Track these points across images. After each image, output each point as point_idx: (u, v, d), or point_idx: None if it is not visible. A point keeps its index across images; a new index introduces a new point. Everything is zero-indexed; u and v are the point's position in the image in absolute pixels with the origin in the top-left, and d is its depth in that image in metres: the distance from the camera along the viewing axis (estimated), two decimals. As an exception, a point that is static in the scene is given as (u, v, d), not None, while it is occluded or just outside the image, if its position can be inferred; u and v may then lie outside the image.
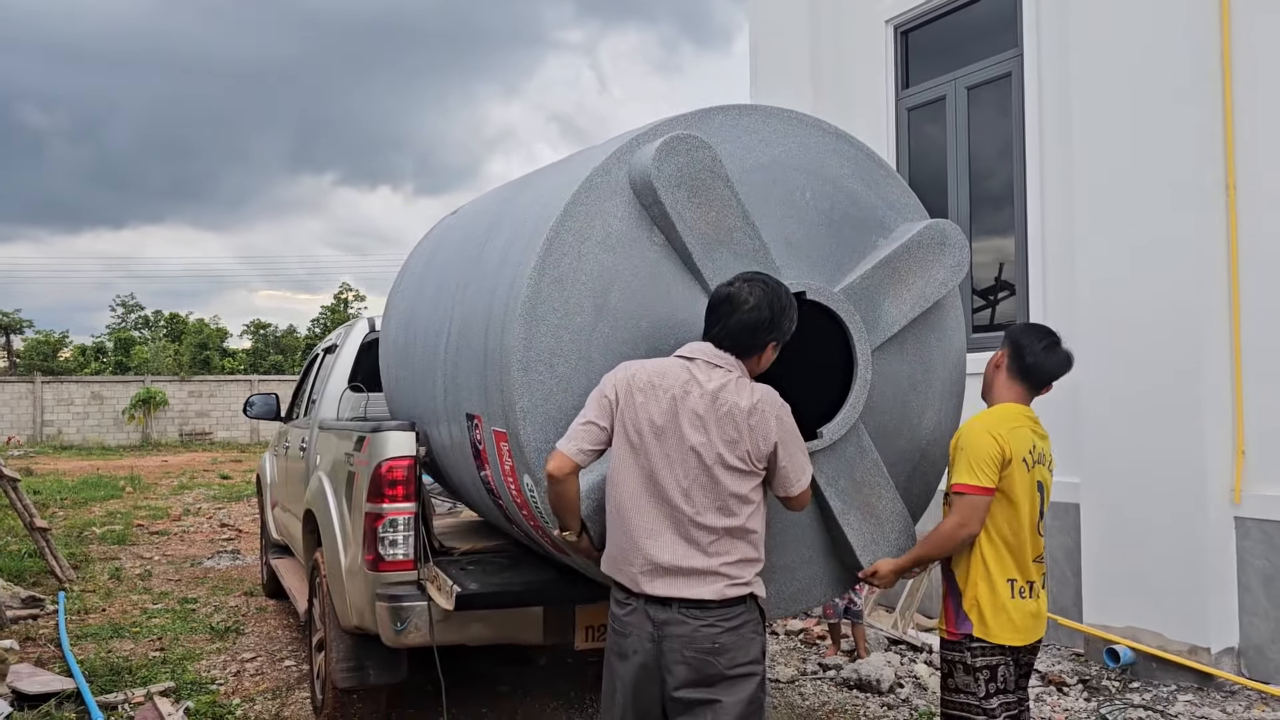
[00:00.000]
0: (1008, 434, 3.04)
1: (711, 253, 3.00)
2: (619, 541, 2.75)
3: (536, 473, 2.93)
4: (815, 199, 3.26)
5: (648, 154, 2.91)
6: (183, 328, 40.73)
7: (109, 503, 14.03)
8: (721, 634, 2.64)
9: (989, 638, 3.04)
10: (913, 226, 3.36)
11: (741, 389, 2.71)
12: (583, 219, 2.95)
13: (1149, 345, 5.35)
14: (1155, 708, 4.89)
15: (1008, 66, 6.51)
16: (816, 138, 3.33)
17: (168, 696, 5.08)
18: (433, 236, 4.94)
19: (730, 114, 3.20)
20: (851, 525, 3.21)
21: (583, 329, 2.94)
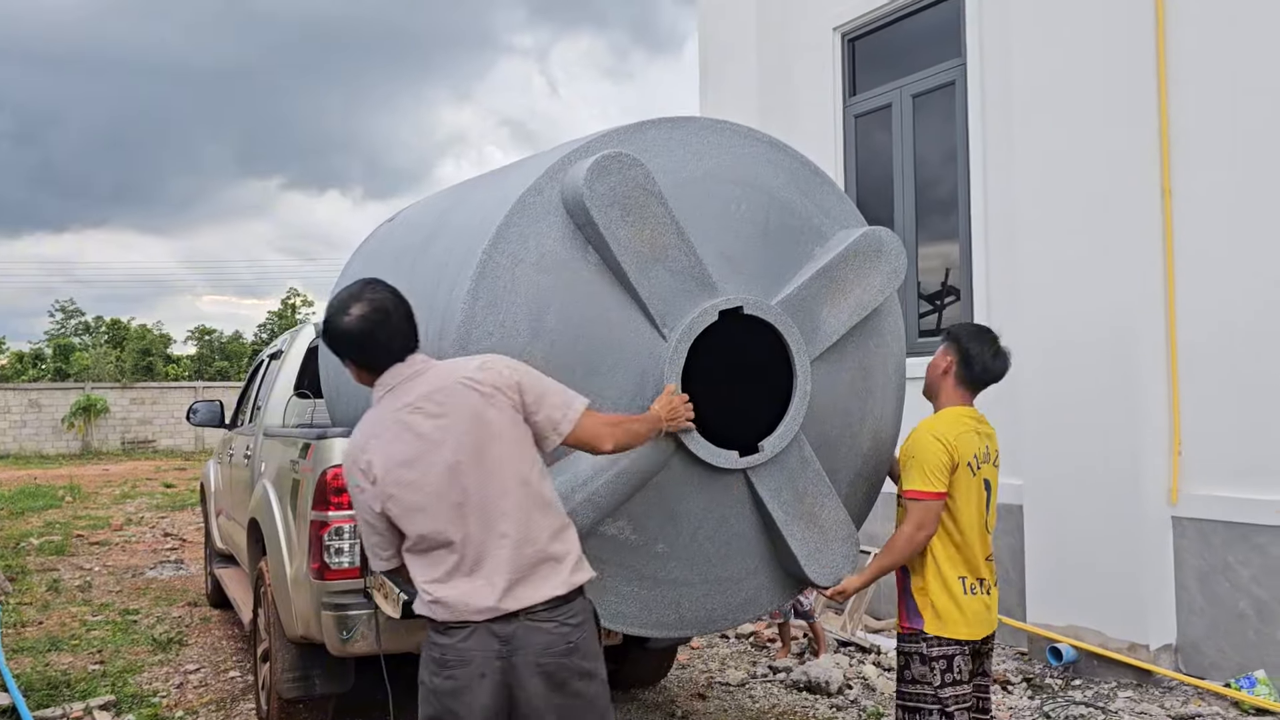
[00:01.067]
0: (955, 439, 3.10)
1: (647, 271, 2.98)
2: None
3: None
4: (751, 211, 3.26)
5: (579, 173, 2.88)
6: (125, 334, 39.88)
7: (47, 513, 13.68)
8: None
9: (943, 634, 3.12)
10: (849, 234, 3.37)
11: (456, 364, 2.60)
12: (516, 241, 2.92)
13: (1089, 348, 5.47)
14: (1096, 704, 4.99)
15: (952, 75, 6.62)
16: (751, 148, 3.32)
17: (108, 710, 4.96)
18: (370, 243, 4.89)
19: (663, 127, 3.18)
20: (795, 536, 3.23)
21: (519, 352, 2.89)
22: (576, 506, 2.84)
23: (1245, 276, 5.05)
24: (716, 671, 5.71)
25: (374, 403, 2.61)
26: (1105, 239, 5.43)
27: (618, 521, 3.04)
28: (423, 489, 2.48)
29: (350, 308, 2.55)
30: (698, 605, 3.25)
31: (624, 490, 2.94)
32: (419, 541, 2.52)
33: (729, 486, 3.17)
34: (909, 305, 6.91)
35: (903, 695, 3.22)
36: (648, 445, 2.93)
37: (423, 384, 2.54)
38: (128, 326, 40.63)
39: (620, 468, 2.91)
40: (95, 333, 41.24)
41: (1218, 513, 5.16)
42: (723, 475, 3.13)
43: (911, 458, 3.12)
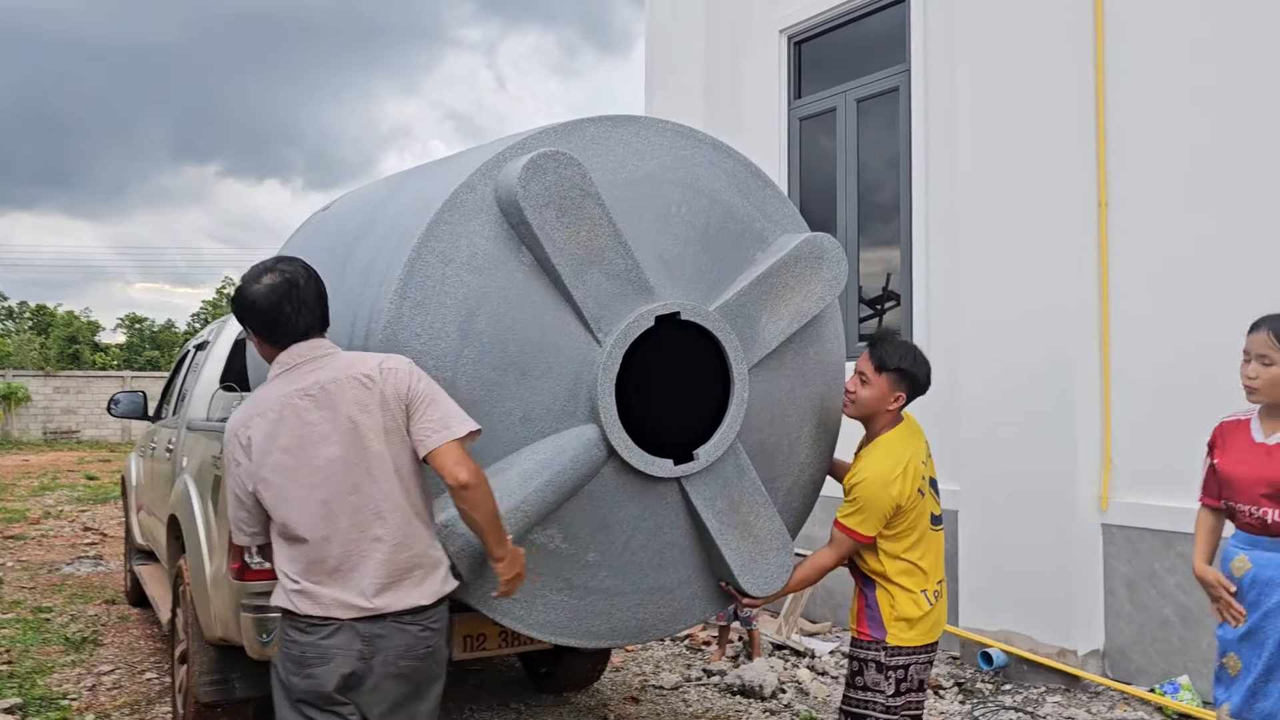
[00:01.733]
0: (906, 482, 3.09)
1: (582, 274, 2.90)
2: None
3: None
4: (691, 213, 3.18)
5: (514, 171, 2.79)
6: (50, 320, 38.61)
7: (-40, 505, 13.16)
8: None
9: (905, 644, 3.11)
10: (790, 239, 3.31)
11: (357, 358, 2.60)
12: (447, 239, 2.82)
13: (1025, 356, 5.52)
14: (1025, 709, 5.03)
15: (896, 81, 6.64)
16: (692, 149, 3.24)
17: (12, 714, 4.74)
18: (302, 233, 4.73)
19: (603, 125, 3.09)
20: (729, 545, 3.17)
21: (447, 354, 2.81)
22: (505, 514, 2.75)
23: (1177, 288, 5.14)
24: (650, 675, 5.65)
25: (268, 379, 2.58)
26: (1043, 249, 5.48)
27: (548, 530, 2.96)
28: (297, 479, 2.47)
29: (262, 277, 2.56)
30: (629, 615, 3.18)
31: (554, 498, 2.86)
32: (281, 528, 2.51)
33: (663, 495, 3.10)
34: (850, 310, 6.92)
35: (850, 701, 3.19)
36: (579, 451, 2.87)
37: (320, 371, 2.53)
38: (54, 313, 39.36)
39: (549, 475, 2.83)
40: (19, 319, 39.91)
41: (1146, 521, 5.24)
42: (657, 484, 3.06)
43: (858, 498, 3.10)
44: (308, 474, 2.47)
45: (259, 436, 2.49)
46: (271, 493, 2.49)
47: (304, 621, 2.49)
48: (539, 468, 2.83)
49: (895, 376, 3.17)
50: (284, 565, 2.54)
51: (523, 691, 5.32)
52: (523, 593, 2.97)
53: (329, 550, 2.48)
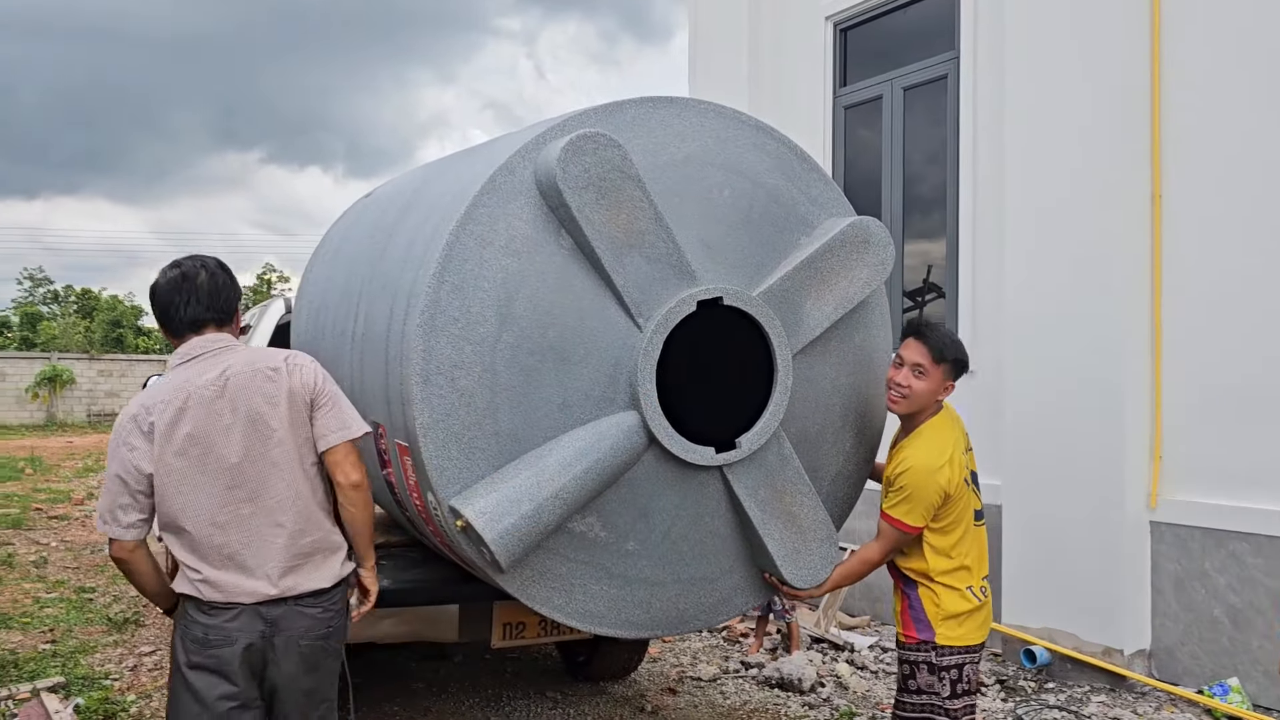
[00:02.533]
0: (953, 470, 3.02)
1: (622, 257, 2.85)
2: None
3: (440, 491, 2.78)
4: (734, 197, 3.11)
5: (553, 153, 2.74)
6: (95, 304, 39.28)
7: (6, 485, 13.40)
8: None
9: (956, 643, 3.04)
10: (836, 223, 3.23)
11: (260, 353, 2.69)
12: (485, 222, 2.78)
13: (1073, 350, 5.40)
14: (1069, 708, 4.94)
15: (944, 69, 6.52)
16: (735, 131, 3.17)
17: (56, 692, 4.79)
18: (345, 220, 4.74)
19: (644, 107, 3.03)
20: (772, 535, 3.12)
21: (486, 339, 2.77)
22: (544, 502, 2.72)
23: (1232, 283, 5.00)
24: (688, 666, 5.62)
25: (170, 368, 2.67)
26: (1093, 241, 5.36)
27: (587, 518, 2.92)
28: (203, 466, 2.53)
29: (167, 271, 2.70)
30: (669, 605, 3.14)
31: (594, 486, 2.82)
32: (179, 516, 2.54)
33: (704, 484, 3.05)
34: (894, 302, 6.83)
35: (902, 705, 3.11)
36: (619, 439, 2.83)
37: (223, 363, 2.60)
38: (98, 297, 40.05)
39: (589, 462, 2.79)
40: (64, 302, 40.62)
41: (1196, 519, 5.12)
42: (698, 472, 3.01)
43: (903, 487, 3.02)
44: (212, 461, 2.53)
45: (162, 423, 2.52)
46: (173, 479, 2.52)
47: (208, 605, 2.55)
48: (578, 455, 2.79)
49: (951, 366, 3.09)
50: (182, 556, 2.57)
51: (560, 680, 5.31)
52: (562, 581, 2.94)
53: (229, 536, 2.54)
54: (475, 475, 2.78)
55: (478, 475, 2.79)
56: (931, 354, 3.06)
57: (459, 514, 2.73)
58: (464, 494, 2.76)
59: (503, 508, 2.70)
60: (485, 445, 2.79)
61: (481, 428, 2.78)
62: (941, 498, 3.01)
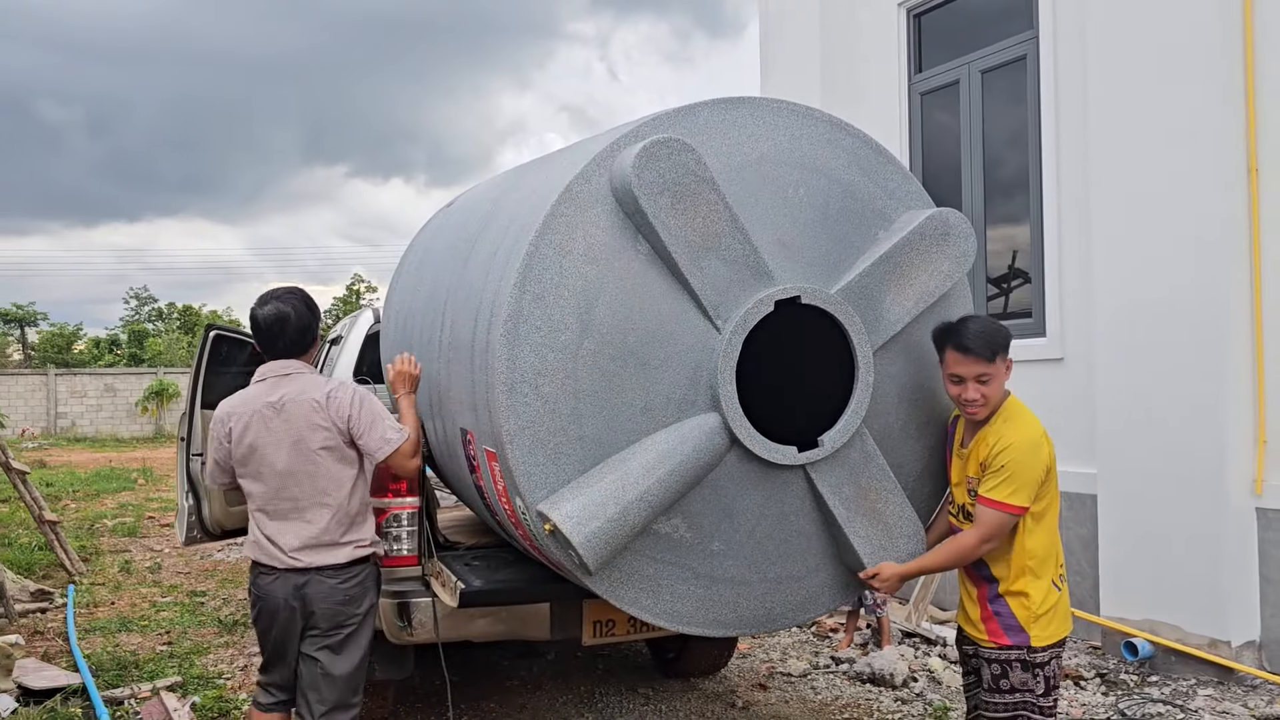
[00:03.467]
0: (1049, 444, 2.95)
1: (699, 260, 2.87)
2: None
3: (527, 496, 2.84)
4: (809, 194, 3.10)
5: (627, 160, 2.77)
6: (196, 319, 40.88)
7: (121, 495, 14.07)
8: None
9: (1048, 641, 2.96)
10: (915, 216, 3.19)
11: (313, 383, 3.29)
12: (563, 231, 2.82)
13: (1167, 333, 5.24)
14: (1175, 702, 4.81)
15: (1023, 49, 6.39)
16: (808, 128, 3.16)
17: (174, 691, 5.04)
18: (429, 230, 4.86)
19: (716, 109, 3.03)
20: (858, 533, 3.10)
21: (568, 346, 2.81)
22: (629, 504, 2.76)
23: (1338, 256, 4.79)
24: (778, 662, 5.62)
25: (251, 382, 3.35)
26: (1187, 219, 5.19)
27: (672, 520, 2.95)
28: (260, 472, 3.27)
29: (267, 304, 3.33)
30: (757, 604, 3.15)
31: (678, 488, 2.85)
32: (246, 496, 3.36)
33: (788, 483, 3.05)
34: (977, 290, 6.70)
35: (992, 706, 3.00)
36: (701, 440, 2.85)
37: (286, 388, 3.27)
38: (198, 312, 41.67)
39: (672, 465, 2.82)
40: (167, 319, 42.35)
41: (1306, 505, 4.92)
42: (781, 471, 3.01)
43: (1004, 467, 2.89)
44: (265, 467, 3.26)
45: (235, 431, 3.28)
46: (242, 472, 3.32)
47: (261, 566, 3.33)
48: (661, 457, 2.82)
49: (1003, 353, 3.01)
50: (251, 521, 3.37)
51: (650, 677, 5.37)
52: (649, 582, 2.98)
53: (274, 521, 3.30)
54: (561, 480, 2.83)
55: (564, 480, 2.84)
56: (986, 357, 2.97)
57: (546, 518, 2.78)
58: (551, 498, 2.81)
59: (589, 511, 2.75)
60: (570, 450, 2.84)
61: (566, 433, 2.83)
62: (1044, 473, 2.92)
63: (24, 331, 39.74)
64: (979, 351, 2.94)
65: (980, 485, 2.98)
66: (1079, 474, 5.60)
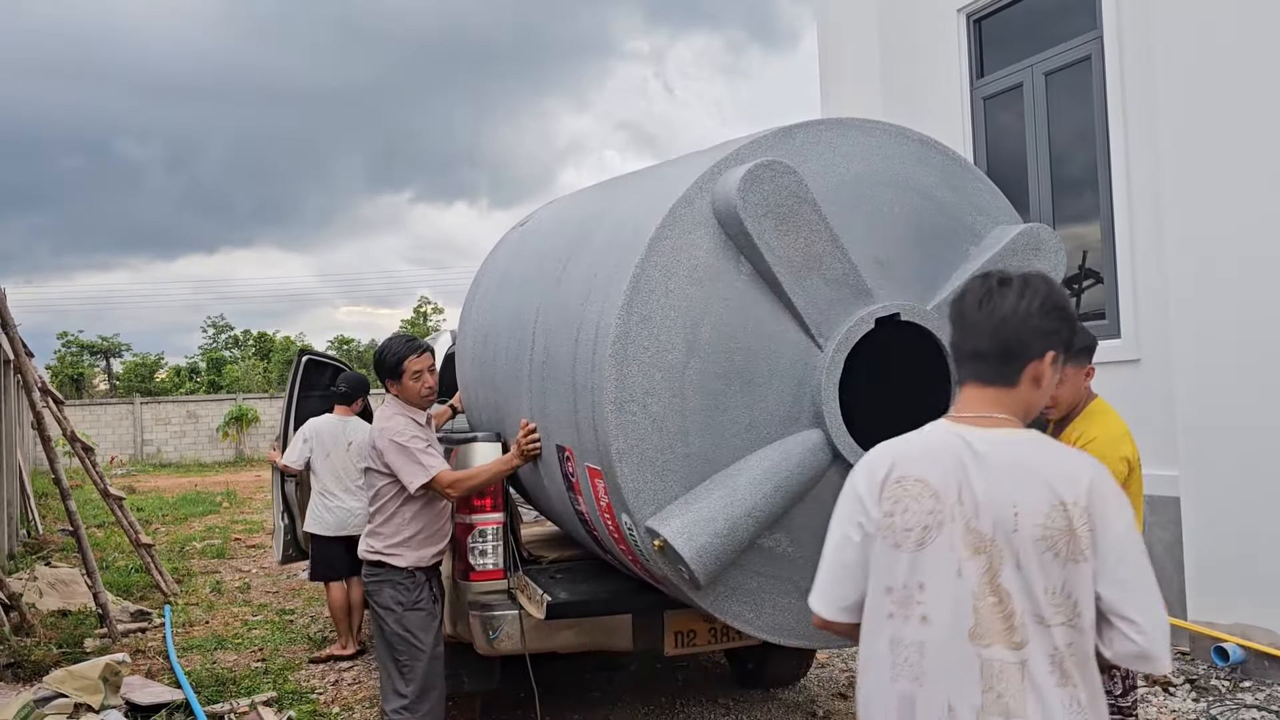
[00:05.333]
0: (1132, 446, 2.94)
1: (802, 280, 2.93)
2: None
3: (636, 513, 2.90)
4: (903, 212, 3.16)
5: (731, 184, 2.84)
6: (270, 345, 41.94)
7: (207, 518, 14.51)
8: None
9: None
10: (1005, 231, 3.22)
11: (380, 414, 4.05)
12: (668, 253, 2.90)
13: (1247, 329, 5.14)
14: (1270, 708, 4.70)
15: (1087, 49, 6.33)
16: (900, 147, 3.21)
17: (270, 706, 5.23)
18: (505, 249, 4.97)
19: (811, 131, 3.10)
20: None
21: (675, 366, 2.89)
22: (738, 520, 2.80)
23: None
24: (856, 671, 5.61)
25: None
26: (1265, 215, 5.09)
27: (775, 534, 2.98)
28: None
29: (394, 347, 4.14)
30: None
31: (783, 503, 2.89)
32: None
33: None
34: (1047, 291, 6.62)
35: None
36: (805, 456, 2.88)
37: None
38: (273, 339, 42.74)
39: (778, 481, 2.87)
40: (244, 346, 43.50)
41: (1402, 503, 4.78)
42: None
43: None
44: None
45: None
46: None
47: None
48: (767, 473, 2.87)
49: (1083, 355, 2.99)
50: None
51: (730, 687, 5.41)
52: (752, 596, 3.01)
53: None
54: (669, 496, 2.90)
55: (670, 496, 2.90)
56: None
57: (656, 534, 2.83)
58: (659, 514, 2.87)
59: (698, 526, 2.80)
60: (677, 467, 2.91)
61: (673, 450, 2.90)
62: (1127, 469, 2.91)
63: (109, 362, 41.17)
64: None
65: None
66: (1161, 476, 5.50)
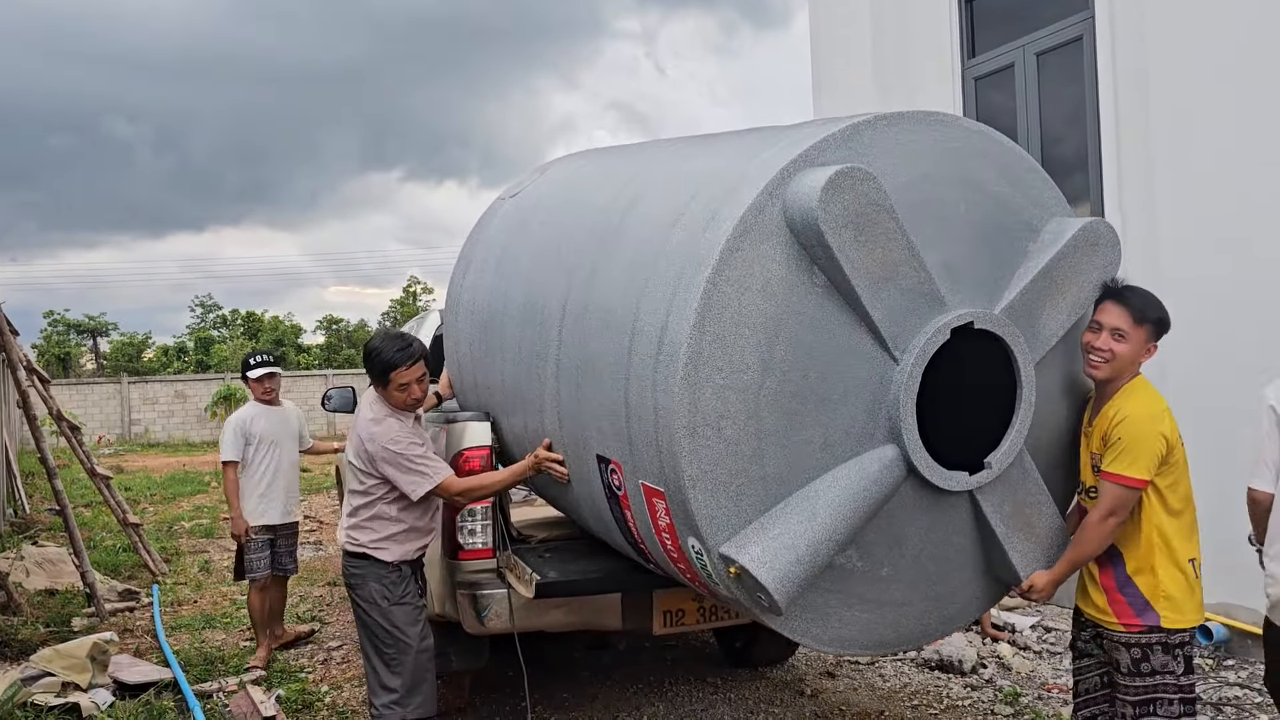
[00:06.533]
0: (1171, 419, 2.93)
1: (879, 291, 2.75)
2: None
3: (709, 539, 2.75)
4: (969, 211, 2.98)
5: (809, 192, 2.63)
6: (259, 325, 41.76)
7: (196, 497, 14.48)
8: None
9: (1182, 624, 2.93)
10: (1061, 226, 3.09)
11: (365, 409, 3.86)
12: (740, 266, 2.67)
13: (1238, 307, 5.17)
14: (1253, 686, 4.75)
15: (1079, 30, 6.32)
16: (962, 140, 3.01)
17: (260, 685, 5.23)
18: (500, 224, 4.66)
19: (878, 127, 2.86)
20: (1015, 548, 3.07)
21: (750, 387, 2.70)
22: (819, 543, 2.70)
23: None
24: (845, 650, 5.65)
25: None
26: (1256, 198, 5.11)
27: (846, 550, 2.88)
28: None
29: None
30: (915, 622, 3.11)
31: (860, 522, 2.79)
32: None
33: (953, 505, 3.00)
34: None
35: (1134, 690, 2.96)
36: (880, 472, 2.80)
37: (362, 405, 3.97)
38: (261, 318, 42.55)
39: (856, 501, 2.76)
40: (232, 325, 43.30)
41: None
42: (948, 495, 2.96)
43: (1121, 439, 2.88)
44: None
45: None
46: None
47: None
48: (845, 494, 2.76)
49: (1153, 327, 2.96)
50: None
51: (719, 667, 5.44)
52: (819, 611, 2.93)
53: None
54: (743, 520, 2.75)
55: (745, 520, 2.76)
56: (1132, 316, 2.94)
57: (732, 561, 2.70)
58: (734, 540, 2.73)
59: (779, 553, 2.68)
60: (752, 490, 2.75)
61: (748, 474, 2.74)
62: (1165, 446, 2.89)
63: (96, 341, 40.97)
64: (1130, 305, 2.95)
65: (1103, 460, 2.96)
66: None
